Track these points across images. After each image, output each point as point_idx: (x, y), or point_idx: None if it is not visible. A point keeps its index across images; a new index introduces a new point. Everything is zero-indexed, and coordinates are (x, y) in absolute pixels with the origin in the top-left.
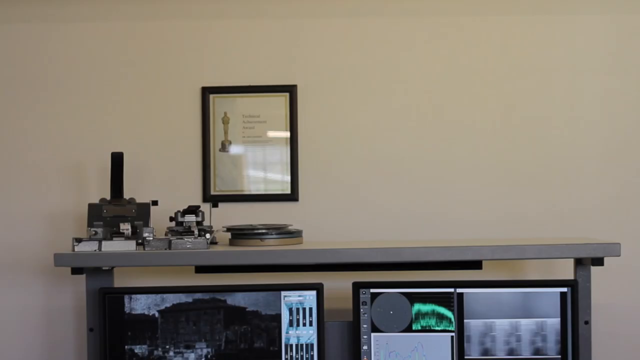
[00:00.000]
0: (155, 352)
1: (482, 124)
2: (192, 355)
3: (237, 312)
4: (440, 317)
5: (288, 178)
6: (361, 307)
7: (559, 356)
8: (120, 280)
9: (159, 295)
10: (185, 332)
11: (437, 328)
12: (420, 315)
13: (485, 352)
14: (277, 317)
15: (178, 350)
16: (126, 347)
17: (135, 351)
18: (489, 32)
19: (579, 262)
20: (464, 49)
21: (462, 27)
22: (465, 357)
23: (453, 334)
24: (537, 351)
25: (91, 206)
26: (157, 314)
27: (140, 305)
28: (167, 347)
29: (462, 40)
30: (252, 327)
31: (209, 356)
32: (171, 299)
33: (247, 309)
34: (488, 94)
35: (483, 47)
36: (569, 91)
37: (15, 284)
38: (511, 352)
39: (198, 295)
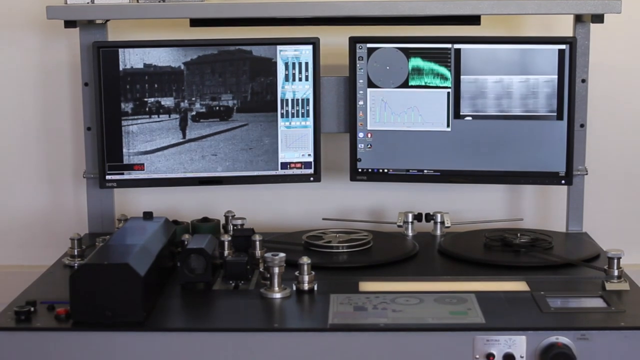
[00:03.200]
0: (136, 106)
1: None
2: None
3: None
4: (437, 74)
5: None
6: (357, 62)
7: (555, 113)
8: (114, 36)
9: (156, 49)
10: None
11: (433, 84)
12: (416, 71)
13: (481, 108)
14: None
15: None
16: (121, 102)
17: (129, 108)
18: None
19: (579, 19)
20: None
21: None
22: (461, 114)
23: (449, 90)
24: (533, 109)
25: None
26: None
27: (133, 59)
28: (155, 99)
29: None
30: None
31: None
32: (166, 54)
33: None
34: None
35: None
36: None
37: (7, 40)
38: (509, 109)
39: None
